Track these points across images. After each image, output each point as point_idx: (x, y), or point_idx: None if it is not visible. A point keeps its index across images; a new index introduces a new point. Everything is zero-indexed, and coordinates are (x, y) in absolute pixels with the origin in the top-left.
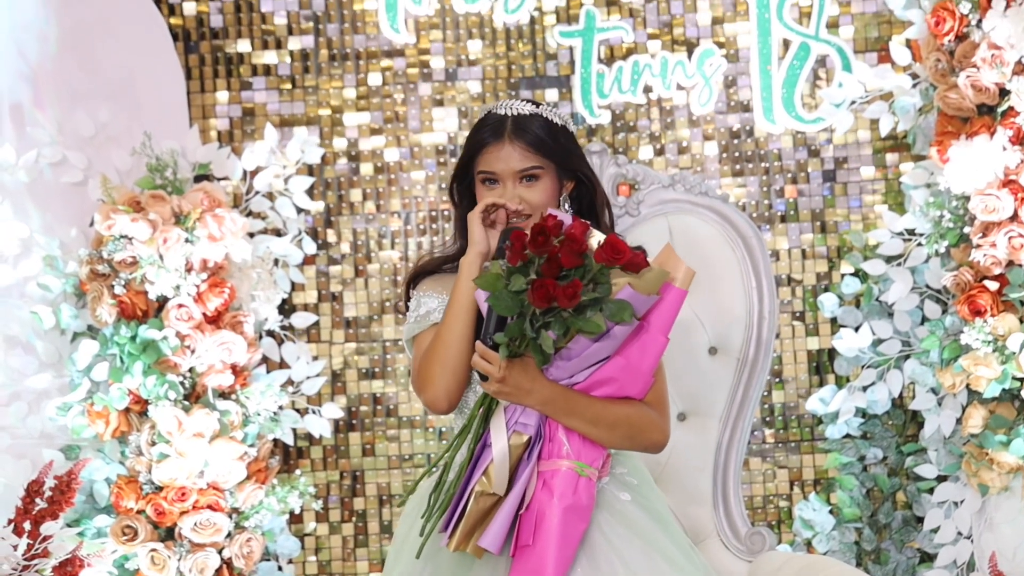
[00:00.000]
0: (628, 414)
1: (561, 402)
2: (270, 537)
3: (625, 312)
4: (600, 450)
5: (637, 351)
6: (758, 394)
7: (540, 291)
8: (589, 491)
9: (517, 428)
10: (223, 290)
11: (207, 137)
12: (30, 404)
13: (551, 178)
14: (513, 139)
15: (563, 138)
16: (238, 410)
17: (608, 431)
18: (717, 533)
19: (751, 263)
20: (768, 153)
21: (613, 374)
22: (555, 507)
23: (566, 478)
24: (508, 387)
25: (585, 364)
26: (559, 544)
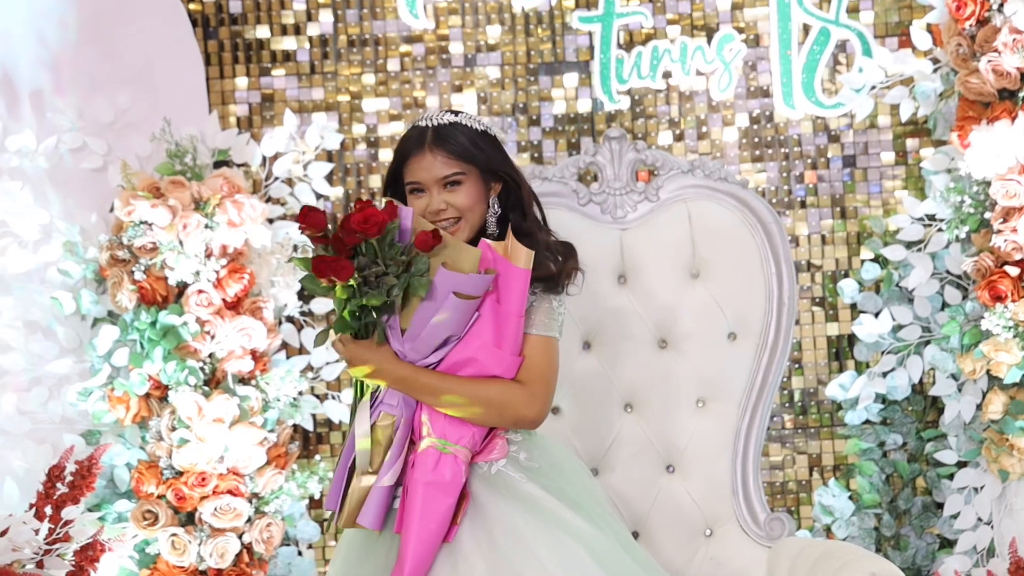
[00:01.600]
0: (487, 392)
1: (412, 380)
2: (290, 522)
3: (422, 287)
4: (468, 428)
5: (492, 331)
6: (777, 380)
7: (320, 266)
8: (454, 468)
9: (384, 408)
10: (243, 276)
11: (226, 123)
12: (51, 389)
13: (475, 181)
14: (434, 148)
15: (483, 143)
16: (258, 396)
17: (466, 408)
18: (736, 519)
19: (771, 249)
20: (788, 139)
21: (473, 354)
22: (416, 484)
23: (427, 455)
24: (357, 366)
25: (431, 344)
26: (420, 519)
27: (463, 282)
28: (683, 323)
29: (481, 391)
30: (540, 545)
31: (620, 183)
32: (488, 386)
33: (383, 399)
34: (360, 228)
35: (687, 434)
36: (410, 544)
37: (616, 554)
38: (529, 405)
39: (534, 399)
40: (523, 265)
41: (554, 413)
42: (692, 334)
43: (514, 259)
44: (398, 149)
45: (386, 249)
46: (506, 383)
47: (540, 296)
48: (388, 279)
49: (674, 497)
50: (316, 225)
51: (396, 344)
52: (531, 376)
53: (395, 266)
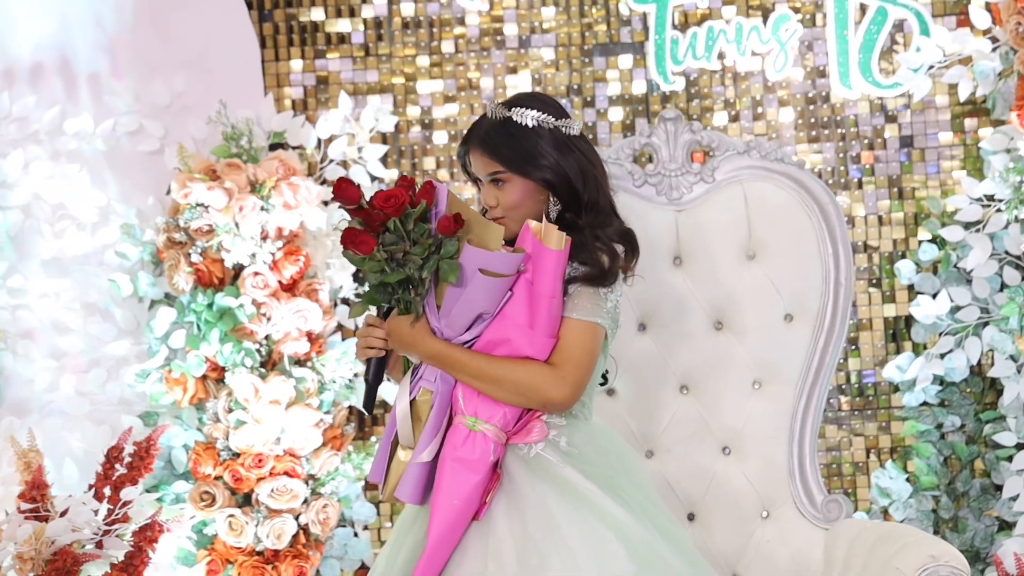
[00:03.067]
0: (515, 372)
1: (444, 357)
2: (346, 503)
3: (452, 272)
4: (500, 408)
5: (524, 312)
6: (834, 361)
7: (346, 236)
8: (482, 446)
9: (423, 384)
10: (298, 258)
11: (281, 106)
12: (109, 371)
13: (520, 179)
14: (474, 145)
15: (526, 142)
16: (314, 377)
17: (494, 387)
18: (793, 501)
19: (827, 230)
20: (844, 119)
21: (504, 334)
22: (444, 460)
23: (457, 432)
24: (395, 340)
25: (463, 321)
26: (445, 494)
27: (489, 259)
28: (739, 304)
29: (509, 371)
30: (570, 529)
31: (675, 164)
32: (517, 367)
33: (423, 375)
34: (380, 206)
35: (743, 416)
36: (435, 518)
37: (650, 544)
38: (557, 388)
39: (563, 382)
40: (555, 247)
41: (609, 395)
42: (748, 315)
43: (546, 240)
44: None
45: (411, 229)
46: (536, 365)
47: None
48: (413, 258)
49: (730, 479)
50: (349, 198)
51: (433, 321)
52: (563, 359)
53: (421, 247)
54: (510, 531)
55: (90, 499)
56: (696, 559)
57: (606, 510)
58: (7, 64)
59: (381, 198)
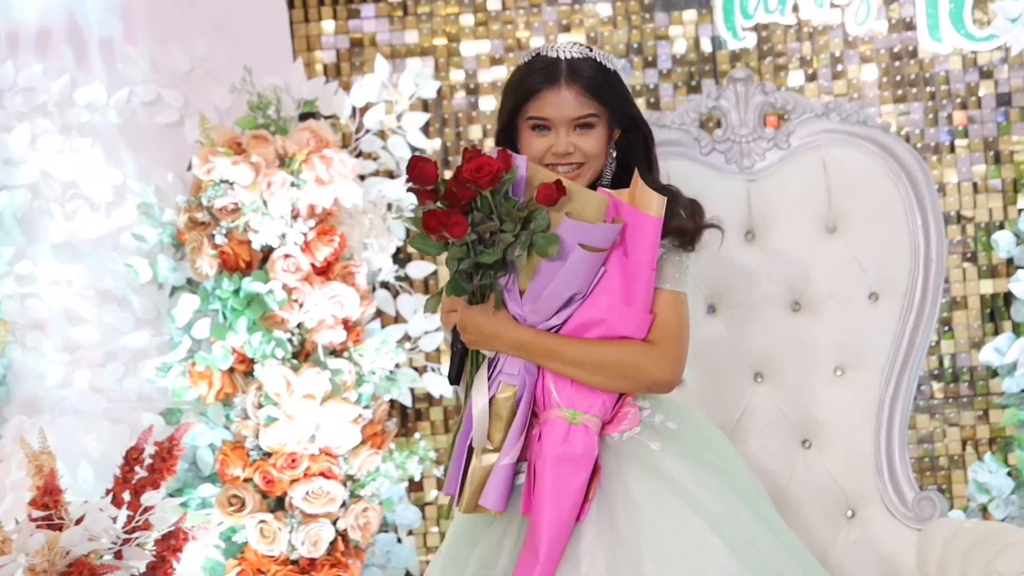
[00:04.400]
0: (618, 354)
1: (534, 345)
2: (388, 506)
3: (552, 246)
4: (598, 395)
5: (620, 287)
6: (925, 344)
7: (431, 222)
8: (586, 439)
9: (503, 379)
10: (333, 238)
11: (312, 71)
12: (127, 364)
13: (604, 126)
14: (570, 83)
15: (616, 83)
16: (351, 369)
17: (596, 373)
18: (881, 499)
19: (916, 199)
20: (934, 76)
21: (600, 314)
22: (545, 458)
23: (555, 427)
24: (472, 333)
25: (554, 305)
26: (552, 497)
27: (590, 232)
28: (818, 283)
29: (610, 353)
30: (660, 523)
31: (746, 129)
32: (617, 348)
33: (502, 368)
34: (471, 178)
35: (825, 405)
36: (543, 525)
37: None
38: (662, 367)
39: (667, 360)
40: (654, 213)
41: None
42: (829, 295)
43: (643, 206)
44: (519, 84)
45: (501, 203)
46: (636, 344)
47: (669, 249)
48: (504, 236)
49: (811, 475)
50: (427, 177)
51: (514, 307)
52: (663, 335)
53: (511, 222)
54: (598, 529)
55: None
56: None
57: (699, 500)
58: (11, 30)
59: (471, 169)
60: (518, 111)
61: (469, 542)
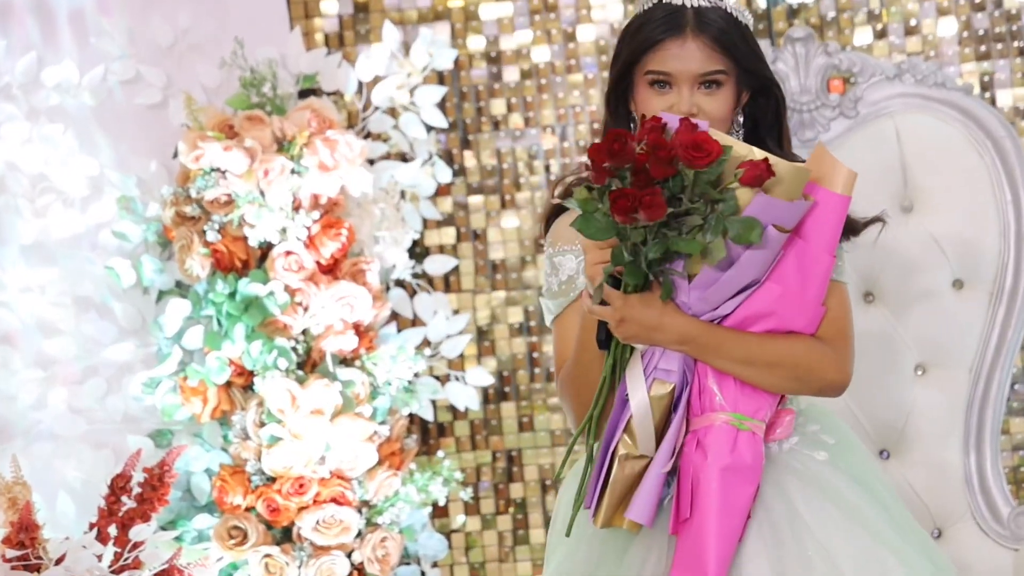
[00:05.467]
0: (793, 351)
1: (703, 339)
2: (409, 535)
3: (753, 231)
4: (764, 397)
5: (796, 275)
6: (1019, 337)
7: (621, 201)
8: (754, 448)
9: (658, 375)
10: (340, 232)
11: (312, 42)
12: (109, 380)
13: (732, 86)
14: (697, 33)
15: (750, 39)
16: (364, 380)
17: (767, 372)
18: (972, 514)
19: (1004, 172)
20: (1023, 29)
21: (770, 305)
22: (710, 469)
23: (721, 433)
24: (632, 326)
25: (727, 292)
26: (720, 513)
27: (783, 210)
28: (894, 269)
29: (784, 351)
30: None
31: (808, 96)
32: (792, 344)
33: (657, 364)
34: (686, 157)
35: (904, 409)
36: (710, 545)
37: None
38: (837, 368)
39: (841, 361)
40: (841, 190)
41: None
42: (906, 283)
43: (829, 181)
44: (638, 31)
45: (702, 184)
46: (810, 341)
47: None
48: (692, 219)
49: None
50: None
51: (680, 295)
52: (835, 331)
53: (702, 203)
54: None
55: (92, 541)
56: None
57: (874, 522)
58: None
59: (686, 144)
60: (635, 64)
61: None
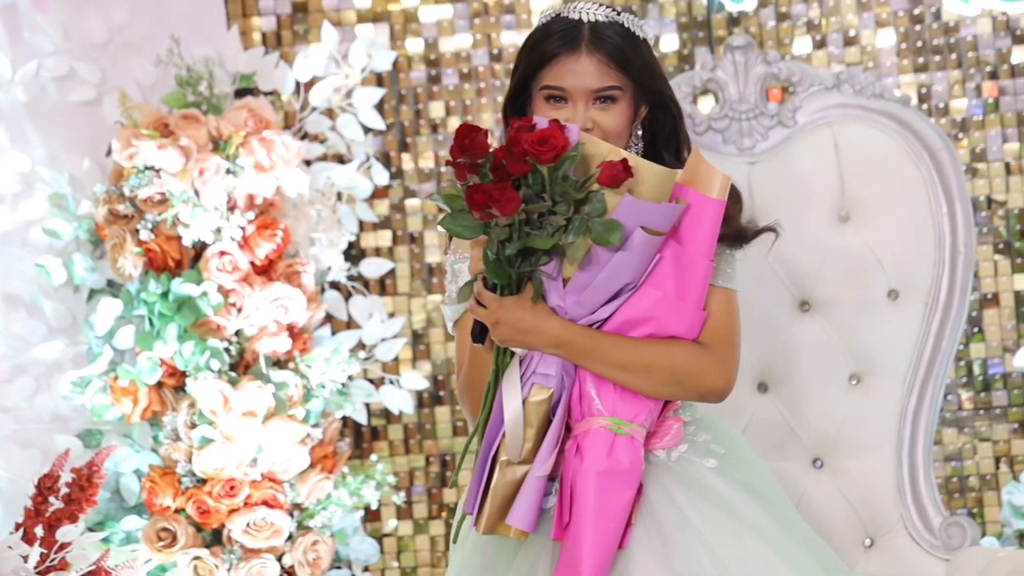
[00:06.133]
0: (670, 356)
1: (577, 343)
2: (341, 539)
3: (613, 233)
4: (644, 402)
5: (673, 280)
6: (952, 348)
7: (476, 197)
8: (632, 452)
9: (536, 380)
10: (275, 233)
11: (249, 41)
12: (38, 379)
13: (628, 101)
14: (591, 50)
15: (645, 53)
16: (297, 382)
17: (644, 377)
18: (904, 525)
19: (941, 183)
20: (960, 42)
21: (648, 310)
22: (586, 474)
23: (598, 438)
24: (507, 328)
25: (602, 296)
26: (596, 517)
27: (652, 214)
28: (830, 279)
29: (661, 355)
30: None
31: (747, 105)
32: (669, 349)
33: (535, 368)
34: (533, 151)
35: (838, 419)
36: (585, 549)
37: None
38: (717, 373)
39: (722, 365)
40: (717, 195)
41: None
42: (842, 293)
43: (705, 186)
44: (535, 46)
45: (559, 181)
46: (689, 346)
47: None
48: (554, 218)
49: (823, 498)
50: (479, 150)
51: (555, 299)
52: (717, 337)
53: (564, 203)
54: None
55: (18, 542)
56: None
57: (762, 527)
58: None
59: (533, 140)
60: (532, 78)
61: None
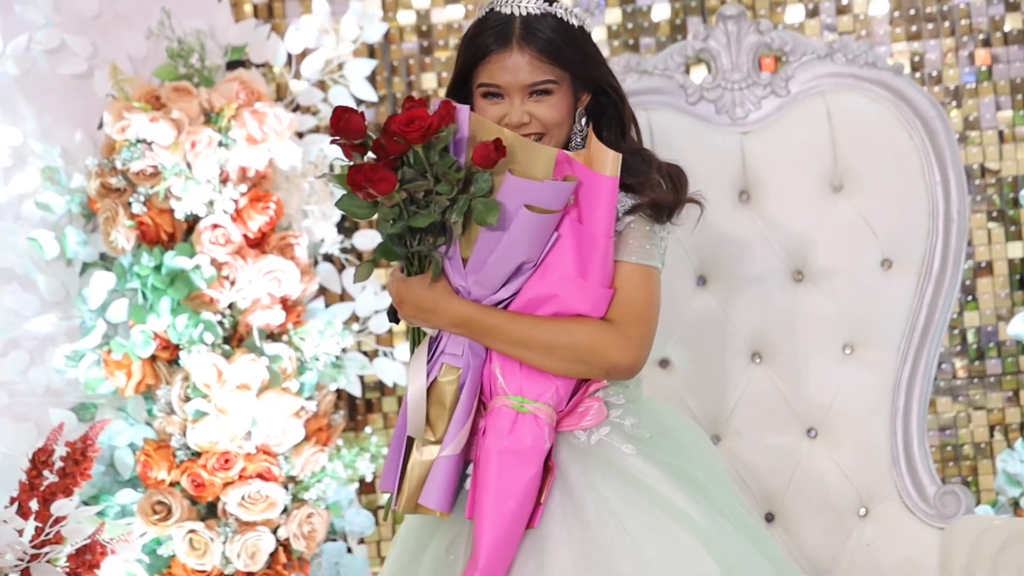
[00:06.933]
0: (571, 334)
1: (476, 321)
2: (336, 512)
3: (491, 212)
4: (551, 380)
5: (574, 258)
6: (946, 317)
7: (355, 176)
8: (535, 431)
9: (445, 360)
10: (268, 205)
11: (241, 13)
12: (32, 353)
13: (566, 91)
14: (523, 46)
15: (581, 42)
16: (291, 355)
17: (546, 354)
18: (899, 494)
19: (934, 151)
20: (953, 9)
21: (551, 288)
22: (488, 452)
23: (500, 416)
24: (410, 307)
25: (500, 275)
26: (496, 495)
27: (537, 191)
28: (823, 249)
29: (563, 333)
30: (643, 536)
31: (739, 74)
32: (571, 327)
33: (444, 348)
34: (400, 131)
35: (832, 388)
36: (484, 528)
37: (735, 548)
38: (623, 350)
39: (628, 342)
40: (609, 172)
41: (662, 367)
42: (835, 263)
43: (598, 165)
44: (470, 42)
45: (436, 161)
46: (594, 323)
47: (640, 218)
48: (439, 198)
49: (817, 468)
50: (353, 130)
51: (457, 279)
52: (624, 313)
53: (448, 183)
54: (568, 542)
55: (12, 516)
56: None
57: (684, 511)
58: None
59: (400, 121)
60: (469, 73)
61: (418, 549)
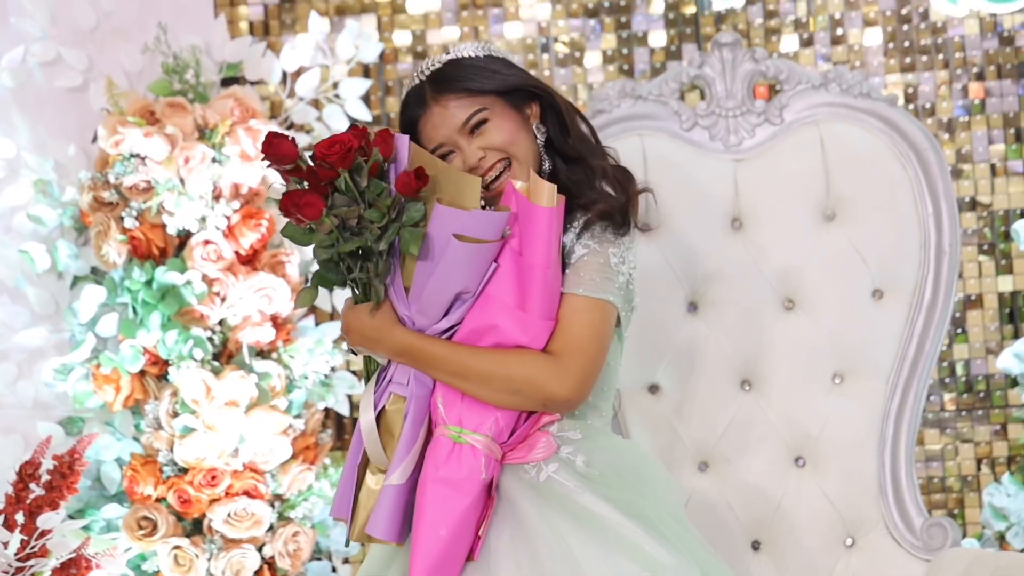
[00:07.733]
0: (507, 365)
1: (417, 351)
2: (321, 530)
3: (413, 242)
4: (491, 412)
5: (513, 289)
6: (936, 349)
7: (284, 201)
8: (471, 462)
9: (392, 388)
10: (260, 222)
11: (236, 30)
12: (20, 366)
13: (501, 111)
14: (437, 98)
15: (490, 65)
16: (280, 372)
17: (482, 385)
18: (885, 525)
19: (927, 184)
20: (948, 42)
21: (490, 319)
22: (423, 482)
23: (438, 446)
24: (356, 336)
25: (438, 305)
26: (428, 525)
27: (465, 221)
28: (814, 278)
29: (499, 364)
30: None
31: (734, 102)
32: (508, 358)
33: (391, 377)
34: (322, 155)
35: (821, 418)
36: (417, 558)
37: None
38: (559, 382)
39: (566, 375)
40: (546, 203)
41: (651, 392)
42: (826, 292)
43: (535, 196)
44: (402, 121)
45: (364, 188)
46: (532, 355)
47: (593, 249)
48: (371, 226)
49: (805, 498)
50: (283, 156)
51: (402, 308)
52: (565, 345)
53: (378, 211)
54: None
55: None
56: None
57: (639, 546)
58: None
59: (323, 145)
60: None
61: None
